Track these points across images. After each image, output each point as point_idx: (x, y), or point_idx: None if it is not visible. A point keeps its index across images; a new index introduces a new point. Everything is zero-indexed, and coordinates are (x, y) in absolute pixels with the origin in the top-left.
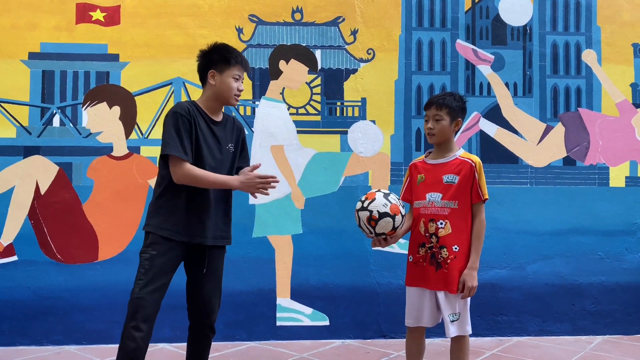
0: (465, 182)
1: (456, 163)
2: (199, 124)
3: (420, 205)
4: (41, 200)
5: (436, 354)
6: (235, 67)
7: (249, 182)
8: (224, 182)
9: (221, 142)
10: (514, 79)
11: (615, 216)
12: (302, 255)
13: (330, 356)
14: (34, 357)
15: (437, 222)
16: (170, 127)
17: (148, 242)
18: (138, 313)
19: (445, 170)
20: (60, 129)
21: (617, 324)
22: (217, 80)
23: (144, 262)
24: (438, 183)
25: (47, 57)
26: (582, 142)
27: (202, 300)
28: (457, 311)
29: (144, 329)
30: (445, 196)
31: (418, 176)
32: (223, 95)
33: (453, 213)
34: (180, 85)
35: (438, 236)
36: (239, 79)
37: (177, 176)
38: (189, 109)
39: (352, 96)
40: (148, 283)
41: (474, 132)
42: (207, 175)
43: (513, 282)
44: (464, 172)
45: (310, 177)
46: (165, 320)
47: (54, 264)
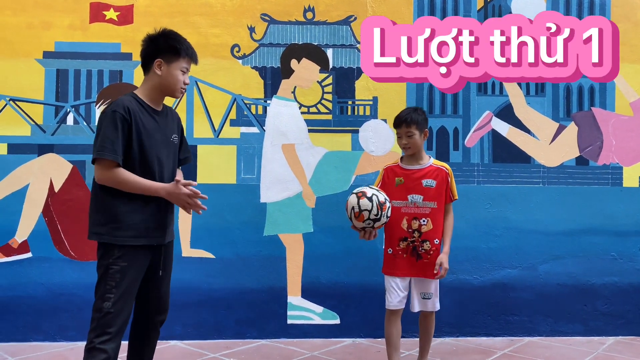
0: (441, 186)
1: (432, 169)
2: (141, 120)
3: (401, 204)
4: (55, 197)
5: (447, 353)
6: (184, 60)
7: (176, 195)
8: (153, 189)
9: (167, 134)
10: None
11: (628, 216)
12: (313, 254)
13: (341, 355)
14: (48, 353)
15: (420, 219)
16: (105, 128)
17: (116, 254)
18: (110, 328)
19: (423, 176)
20: (74, 127)
21: (630, 324)
22: (164, 70)
23: (114, 275)
24: (418, 186)
25: (62, 56)
26: (595, 142)
27: (157, 299)
28: (432, 291)
29: (116, 341)
30: (426, 197)
31: (396, 179)
32: (169, 87)
33: (433, 212)
34: (192, 84)
35: (421, 232)
36: (186, 72)
37: (102, 179)
38: (128, 108)
39: (364, 95)
40: (121, 297)
41: (486, 131)
42: (136, 180)
43: (525, 282)
44: (440, 177)
45: (321, 176)
46: (176, 318)
47: (67, 261)
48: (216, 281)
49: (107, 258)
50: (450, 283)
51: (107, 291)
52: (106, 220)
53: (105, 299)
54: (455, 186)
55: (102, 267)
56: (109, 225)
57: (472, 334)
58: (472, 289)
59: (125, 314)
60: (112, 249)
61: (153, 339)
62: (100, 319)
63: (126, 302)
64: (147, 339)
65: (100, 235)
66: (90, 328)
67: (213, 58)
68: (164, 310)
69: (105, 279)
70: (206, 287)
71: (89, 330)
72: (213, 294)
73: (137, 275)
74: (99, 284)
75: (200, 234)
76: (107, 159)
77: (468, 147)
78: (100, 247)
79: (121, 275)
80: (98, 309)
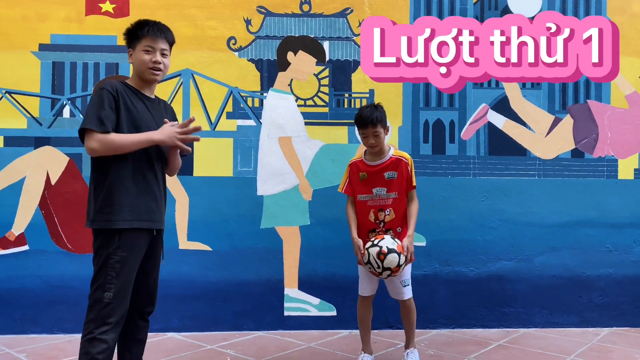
0: (402, 176)
1: (393, 161)
2: (129, 99)
3: (367, 198)
4: (52, 190)
5: (443, 344)
6: (145, 39)
7: (168, 133)
8: (147, 138)
9: (157, 120)
10: None
11: (623, 209)
12: (310, 246)
13: (338, 346)
14: (46, 345)
15: (385, 210)
16: (92, 104)
17: (116, 243)
18: (111, 318)
19: (385, 168)
20: (70, 120)
21: (625, 316)
22: (133, 57)
23: (115, 265)
24: (380, 179)
25: (57, 48)
26: (591, 134)
27: (146, 290)
28: (405, 278)
29: (115, 331)
30: (389, 189)
31: (360, 174)
32: (139, 70)
33: (394, 202)
34: (189, 77)
35: (385, 222)
36: (151, 51)
37: (94, 147)
38: (115, 86)
39: (360, 88)
40: (121, 287)
41: (482, 124)
42: (126, 137)
43: (520, 274)
44: (400, 168)
45: (318, 169)
46: (173, 310)
47: (64, 254)
48: (213, 273)
49: (106, 248)
50: (446, 275)
51: (107, 281)
52: (101, 206)
53: (106, 289)
54: (414, 174)
55: (102, 257)
56: (103, 211)
57: (467, 325)
58: (468, 281)
59: (125, 304)
60: (112, 238)
61: (142, 329)
62: (101, 309)
63: (126, 292)
64: (136, 330)
65: (96, 222)
66: (89, 318)
67: (209, 50)
68: (151, 302)
69: (105, 269)
70: (203, 279)
71: (87, 321)
72: (210, 287)
73: (136, 264)
74: (98, 274)
75: (197, 227)
76: (92, 128)
77: (464, 139)
78: (98, 236)
79: (121, 265)
80: (98, 299)
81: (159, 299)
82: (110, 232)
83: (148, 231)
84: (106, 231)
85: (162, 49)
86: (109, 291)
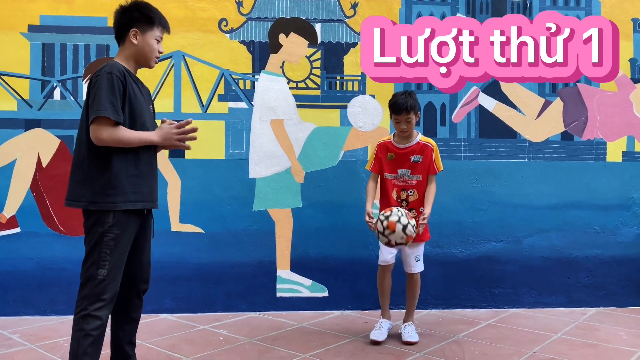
0: (426, 161)
1: (419, 146)
2: (131, 84)
3: (392, 177)
4: (43, 172)
5: (433, 323)
6: (158, 29)
7: (166, 135)
8: (147, 138)
9: (147, 103)
10: None
11: (611, 191)
12: (302, 228)
13: (329, 325)
14: (39, 327)
15: (408, 191)
16: (103, 88)
17: (111, 221)
18: (104, 295)
19: (412, 152)
20: (60, 102)
21: (611, 296)
22: (139, 40)
23: (109, 242)
24: (406, 161)
25: (47, 30)
26: (580, 117)
27: (140, 268)
28: (419, 254)
29: (109, 308)
30: (413, 172)
31: (388, 154)
32: (144, 57)
33: (418, 184)
34: (180, 59)
35: (408, 201)
36: (160, 41)
37: (103, 138)
38: (123, 72)
39: (352, 70)
40: (115, 264)
41: (473, 106)
42: (131, 134)
43: (510, 255)
44: (426, 153)
45: (310, 152)
46: (166, 292)
47: (56, 236)
48: (206, 255)
49: (100, 225)
50: (436, 256)
51: (101, 258)
52: (103, 187)
53: (100, 266)
54: (440, 159)
55: (96, 235)
56: (105, 192)
57: (457, 305)
58: (458, 262)
59: (118, 280)
60: (106, 216)
61: (137, 308)
62: (95, 286)
63: (119, 269)
64: (130, 309)
65: (97, 203)
66: (82, 295)
67: (200, 32)
68: (145, 280)
69: (99, 246)
70: (196, 261)
71: (80, 298)
72: (203, 268)
73: (129, 241)
74: (92, 251)
75: (190, 209)
76: (109, 117)
77: (455, 122)
78: (90, 215)
79: (115, 242)
80: (91, 276)
81: (152, 281)
82: (105, 210)
83: (140, 210)
84: (101, 210)
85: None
86: (103, 268)
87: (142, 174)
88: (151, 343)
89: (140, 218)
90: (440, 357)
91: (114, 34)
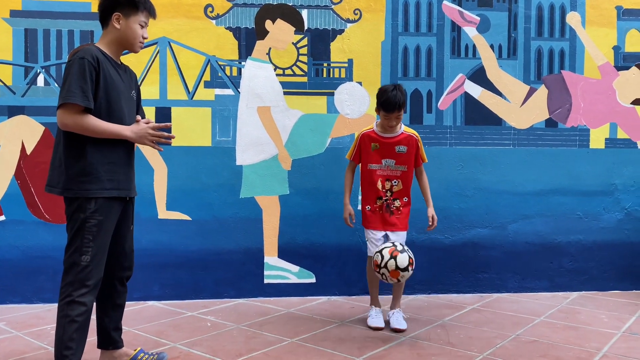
0: (411, 152)
1: (404, 136)
2: (108, 70)
3: (377, 167)
4: (27, 160)
5: (418, 308)
6: (143, 14)
7: (140, 132)
8: (118, 131)
9: (127, 88)
10: (499, 41)
11: (594, 177)
12: (289, 215)
13: (317, 311)
14: (25, 314)
15: (392, 181)
16: (72, 74)
17: (92, 207)
18: (89, 281)
19: (397, 142)
20: (44, 89)
21: (593, 280)
22: (122, 24)
23: (91, 228)
24: (391, 152)
25: (30, 15)
26: (564, 104)
27: (123, 255)
28: (403, 242)
29: (93, 294)
30: (398, 162)
31: (372, 144)
32: (128, 41)
33: (403, 174)
34: (165, 45)
35: (392, 191)
36: (144, 26)
37: (67, 123)
38: (96, 56)
39: (339, 57)
40: (98, 250)
41: (459, 94)
42: (100, 125)
43: (494, 241)
44: (410, 144)
45: (297, 139)
46: (153, 279)
47: (42, 224)
48: (193, 242)
49: (82, 211)
50: (422, 242)
51: (84, 245)
52: (77, 174)
53: (83, 252)
54: (424, 150)
55: (78, 221)
56: (79, 179)
57: (443, 291)
58: (444, 247)
59: (101, 266)
60: (88, 203)
61: (121, 294)
62: (79, 272)
63: (103, 255)
64: (115, 295)
65: (72, 190)
66: (66, 282)
67: (186, 18)
68: (129, 267)
69: (82, 232)
70: (183, 248)
71: (64, 284)
72: (190, 255)
73: (111, 228)
74: (74, 238)
75: (176, 196)
76: (77, 103)
77: (441, 109)
78: (72, 202)
79: (98, 228)
80: (75, 262)
81: (139, 268)
82: (87, 197)
83: (122, 197)
84: (83, 197)
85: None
86: (86, 254)
87: (119, 161)
88: (139, 329)
89: (121, 204)
90: (425, 340)
91: (99, 17)
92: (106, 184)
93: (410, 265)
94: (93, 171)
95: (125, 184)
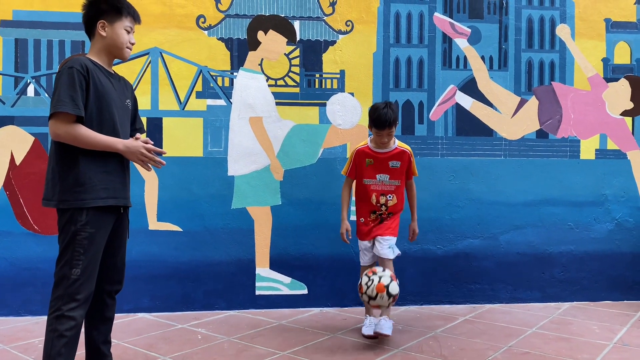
0: (404, 166)
1: (397, 152)
2: (98, 78)
3: (371, 182)
4: (16, 171)
5: (411, 319)
6: (127, 19)
7: (133, 149)
8: (111, 144)
9: (121, 97)
10: (489, 52)
11: (584, 188)
12: (281, 226)
13: (309, 323)
14: (13, 327)
15: (387, 195)
16: (62, 84)
17: (84, 219)
18: (79, 295)
19: (390, 158)
20: (35, 99)
21: (585, 291)
22: (108, 31)
23: (82, 241)
24: (385, 167)
25: (20, 25)
26: (555, 116)
27: (113, 268)
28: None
29: (83, 308)
30: (392, 177)
31: (366, 160)
32: (116, 47)
33: (397, 189)
34: (157, 55)
35: (387, 206)
36: (130, 31)
37: (59, 133)
38: (85, 65)
39: (331, 68)
40: (89, 264)
41: (450, 105)
42: (92, 136)
43: (486, 252)
44: (404, 159)
45: (289, 149)
46: (144, 291)
47: (31, 235)
48: (184, 254)
49: (73, 224)
50: (414, 253)
51: (75, 258)
52: (71, 185)
53: (74, 265)
54: (415, 165)
55: (69, 234)
56: (74, 190)
57: (435, 302)
58: (436, 258)
59: (92, 280)
60: (79, 214)
61: (110, 308)
62: (69, 286)
63: (94, 268)
64: (104, 308)
65: (67, 201)
66: (55, 295)
67: (178, 29)
68: (119, 281)
69: (72, 245)
70: (174, 260)
71: (54, 298)
72: (181, 267)
73: (103, 241)
74: (65, 251)
75: (167, 207)
76: (68, 112)
77: (433, 120)
78: (64, 213)
79: (89, 241)
80: (65, 276)
81: (129, 280)
82: (78, 208)
83: (115, 208)
84: (74, 208)
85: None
86: (77, 267)
87: (113, 170)
88: (128, 342)
89: (114, 216)
90: (417, 352)
91: (84, 29)
92: (101, 192)
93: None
94: (87, 180)
95: (122, 193)
